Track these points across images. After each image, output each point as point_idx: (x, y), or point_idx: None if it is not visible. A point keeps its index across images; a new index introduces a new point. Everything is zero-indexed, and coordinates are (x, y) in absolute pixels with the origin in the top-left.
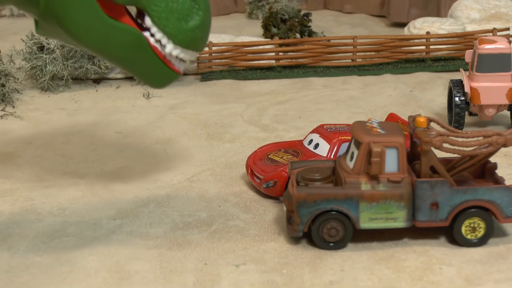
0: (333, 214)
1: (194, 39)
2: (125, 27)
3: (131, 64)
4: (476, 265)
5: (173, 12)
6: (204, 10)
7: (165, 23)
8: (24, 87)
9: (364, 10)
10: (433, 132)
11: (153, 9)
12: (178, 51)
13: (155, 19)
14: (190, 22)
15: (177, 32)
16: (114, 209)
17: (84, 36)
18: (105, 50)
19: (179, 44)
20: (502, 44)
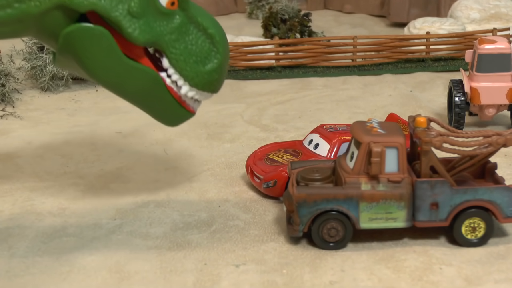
0: (333, 214)
1: (211, 82)
2: (142, 67)
3: (146, 103)
4: (476, 265)
5: (191, 55)
6: (222, 53)
7: (183, 66)
8: (24, 87)
9: (364, 10)
10: (433, 132)
11: (172, 51)
12: (194, 92)
13: (172, 61)
14: (208, 65)
15: (194, 74)
16: (114, 209)
17: (100, 74)
18: (121, 89)
19: (195, 86)
20: (502, 44)
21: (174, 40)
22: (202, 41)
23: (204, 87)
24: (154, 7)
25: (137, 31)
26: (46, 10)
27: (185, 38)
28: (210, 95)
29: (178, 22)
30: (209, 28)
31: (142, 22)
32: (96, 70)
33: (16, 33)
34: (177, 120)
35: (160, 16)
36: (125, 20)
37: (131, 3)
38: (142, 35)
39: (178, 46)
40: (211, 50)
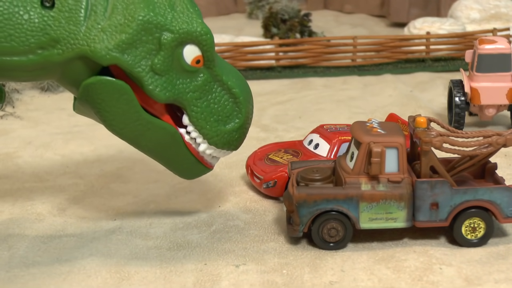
0: (333, 214)
1: (231, 141)
2: (161, 123)
3: (163, 157)
4: (476, 265)
5: (213, 113)
6: (244, 113)
7: (203, 124)
8: (24, 87)
9: (364, 10)
10: (433, 132)
11: (193, 109)
12: (212, 150)
13: (193, 119)
14: (229, 124)
15: (213, 133)
16: (114, 209)
17: (118, 127)
18: (139, 143)
19: (214, 144)
20: (502, 44)
21: (196, 98)
22: (225, 100)
23: (224, 146)
24: (178, 64)
25: (159, 88)
26: (69, 59)
27: (208, 96)
28: (229, 153)
29: (202, 80)
30: (234, 87)
31: (164, 79)
32: (114, 123)
33: (38, 78)
34: (194, 174)
35: (184, 73)
36: (147, 76)
37: (155, 59)
38: (163, 92)
39: (200, 104)
40: (234, 109)
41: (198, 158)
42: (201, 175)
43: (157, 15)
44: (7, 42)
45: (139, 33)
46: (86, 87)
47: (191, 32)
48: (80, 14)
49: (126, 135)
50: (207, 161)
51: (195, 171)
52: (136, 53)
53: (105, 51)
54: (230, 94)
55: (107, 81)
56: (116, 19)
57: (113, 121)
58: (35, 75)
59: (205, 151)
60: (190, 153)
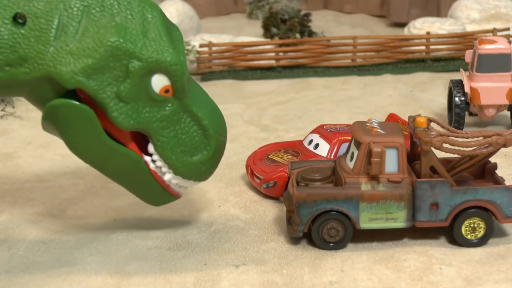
0: (333, 214)
1: (197, 173)
2: (125, 150)
3: (128, 184)
4: (476, 265)
5: (179, 144)
6: (213, 146)
7: (168, 154)
8: None
9: (364, 10)
10: (433, 132)
11: (158, 139)
12: (178, 181)
13: (158, 149)
14: (196, 156)
15: (179, 164)
16: (114, 209)
17: (81, 152)
18: (102, 168)
19: (180, 175)
20: (502, 44)
21: (163, 127)
22: (193, 131)
23: (190, 177)
24: (145, 93)
25: (123, 115)
26: (35, 79)
27: (176, 126)
28: (196, 183)
29: (170, 110)
30: (203, 119)
31: (129, 107)
32: (76, 146)
33: (6, 93)
34: (161, 202)
35: (151, 102)
36: (112, 103)
37: (121, 86)
38: (127, 120)
39: (167, 134)
40: (202, 141)
41: (164, 186)
42: (167, 203)
43: (127, 41)
44: None
45: (107, 59)
46: (50, 108)
47: (160, 61)
48: (50, 34)
49: (89, 160)
50: (173, 189)
51: (161, 199)
52: (102, 79)
53: (70, 75)
54: (200, 125)
55: (70, 104)
56: (86, 42)
57: (76, 144)
58: (3, 91)
59: (170, 181)
60: (156, 181)
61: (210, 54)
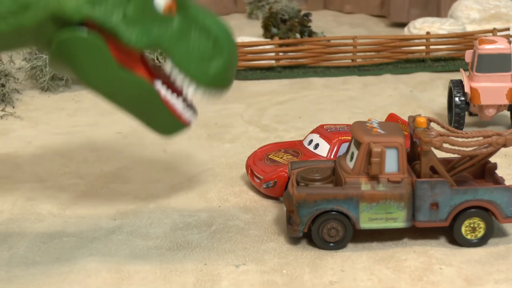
0: (333, 214)
1: (218, 80)
2: (136, 78)
3: (139, 113)
4: (476, 265)
5: (195, 54)
6: (227, 51)
7: (187, 67)
8: (24, 87)
9: (364, 10)
10: (433, 132)
11: (174, 53)
12: (202, 92)
13: (176, 64)
14: (213, 64)
15: (199, 74)
16: (114, 209)
17: (93, 83)
18: (114, 98)
19: (202, 85)
20: (502, 44)
21: (176, 41)
22: (205, 40)
23: (211, 86)
24: (151, 11)
25: (135, 36)
26: (41, 22)
27: (187, 38)
28: (219, 93)
29: (178, 24)
30: (212, 27)
31: (139, 27)
32: (88, 78)
33: (14, 46)
34: (172, 131)
35: (158, 19)
36: (121, 27)
37: (126, 10)
38: (139, 40)
39: (180, 47)
40: (216, 48)
41: (175, 114)
42: (179, 132)
43: None
44: None
45: None
46: (59, 43)
47: None
48: None
49: (101, 91)
50: (185, 117)
51: (172, 128)
52: (107, 5)
53: (75, 8)
54: (209, 34)
55: (79, 36)
56: None
57: (88, 76)
58: (12, 43)
59: (195, 94)
60: (167, 109)
61: None
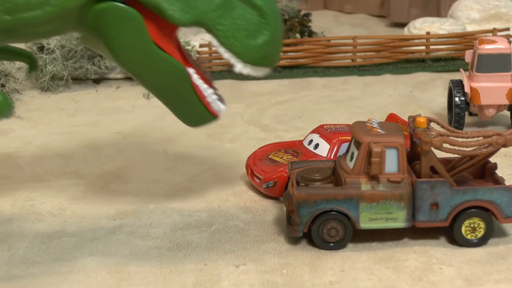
0: (333, 214)
1: (265, 56)
2: (170, 58)
3: (168, 96)
4: (476, 265)
5: (240, 30)
6: (273, 24)
7: (233, 42)
8: (24, 87)
9: (364, 10)
10: (433, 132)
11: (218, 29)
12: (248, 69)
13: (221, 39)
14: (259, 38)
15: (246, 50)
16: (114, 209)
17: (126, 59)
18: (145, 77)
19: (249, 62)
20: (502, 44)
21: (219, 16)
22: (249, 14)
23: (259, 62)
24: None
25: (178, 12)
26: (84, 3)
27: (231, 13)
28: (266, 69)
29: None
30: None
31: (182, 2)
32: (121, 53)
33: (58, 30)
34: (199, 121)
35: None
36: (164, 1)
37: None
38: (183, 15)
39: (224, 22)
40: (261, 22)
41: (204, 103)
42: (206, 123)
43: None
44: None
45: None
46: (98, 12)
47: None
48: None
49: (132, 68)
50: (213, 107)
51: (200, 117)
52: None
53: None
54: (253, 6)
55: (119, 7)
56: None
57: (121, 51)
58: (56, 27)
59: (241, 71)
60: (197, 95)
61: (210, 54)
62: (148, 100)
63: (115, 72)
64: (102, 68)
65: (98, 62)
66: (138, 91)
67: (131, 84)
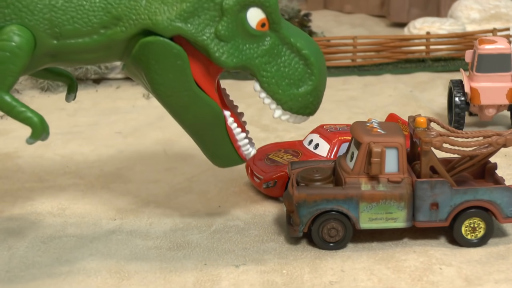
0: (333, 214)
1: (306, 105)
2: (208, 99)
3: (201, 136)
4: (476, 265)
5: (284, 77)
6: (317, 75)
7: (275, 89)
8: (24, 87)
9: (364, 10)
10: (433, 132)
11: (263, 75)
12: (288, 116)
13: (264, 85)
14: (302, 87)
15: (287, 98)
16: (114, 209)
17: (165, 94)
18: (181, 116)
19: (289, 110)
20: (502, 44)
21: (265, 62)
22: (295, 62)
23: (299, 110)
24: (243, 30)
25: (225, 54)
26: (131, 36)
27: (277, 60)
28: (305, 118)
29: (269, 43)
30: (303, 49)
31: (230, 45)
32: (162, 88)
33: (103, 59)
34: (227, 162)
35: (250, 38)
36: (213, 44)
37: (219, 26)
38: (230, 58)
39: (270, 69)
40: (305, 72)
41: (235, 146)
42: (233, 165)
43: None
44: (70, 25)
45: (200, 1)
46: (143, 45)
47: None
48: None
49: (170, 104)
50: (243, 151)
51: (228, 160)
52: (199, 21)
53: (168, 22)
54: (300, 56)
55: (165, 42)
56: None
57: (162, 85)
58: (100, 56)
59: (280, 118)
60: (229, 138)
61: None
62: (148, 100)
63: (115, 72)
64: (102, 68)
65: None
66: (138, 91)
67: (131, 84)
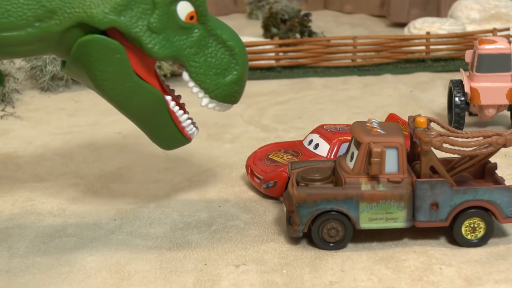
0: (333, 214)
1: (231, 93)
2: (150, 88)
3: (146, 123)
4: (476, 265)
5: (211, 67)
6: (241, 65)
7: (203, 79)
8: (24, 87)
9: (364, 10)
10: (433, 132)
11: (192, 65)
12: (214, 104)
13: (193, 75)
14: (228, 77)
15: (214, 87)
16: (114, 209)
17: (108, 89)
18: (125, 107)
19: (215, 98)
20: (502, 44)
21: (194, 53)
22: (221, 53)
23: (225, 98)
24: (173, 22)
25: (157, 46)
26: (67, 28)
27: (205, 51)
28: (230, 106)
29: (197, 35)
30: (228, 40)
31: (162, 37)
32: (105, 83)
33: (37, 51)
34: (173, 144)
35: (180, 31)
36: (145, 35)
37: (151, 19)
38: (162, 49)
39: (198, 59)
40: (231, 62)
41: (179, 127)
42: (179, 146)
43: None
44: (5, 18)
45: None
46: (82, 44)
47: None
48: None
49: (115, 97)
50: (188, 131)
51: (174, 141)
52: (132, 14)
53: (102, 15)
54: (226, 47)
55: (102, 39)
56: None
57: (105, 81)
58: (35, 48)
59: (207, 106)
60: (173, 121)
61: None
62: None
63: None
64: None
65: None
66: None
67: None
